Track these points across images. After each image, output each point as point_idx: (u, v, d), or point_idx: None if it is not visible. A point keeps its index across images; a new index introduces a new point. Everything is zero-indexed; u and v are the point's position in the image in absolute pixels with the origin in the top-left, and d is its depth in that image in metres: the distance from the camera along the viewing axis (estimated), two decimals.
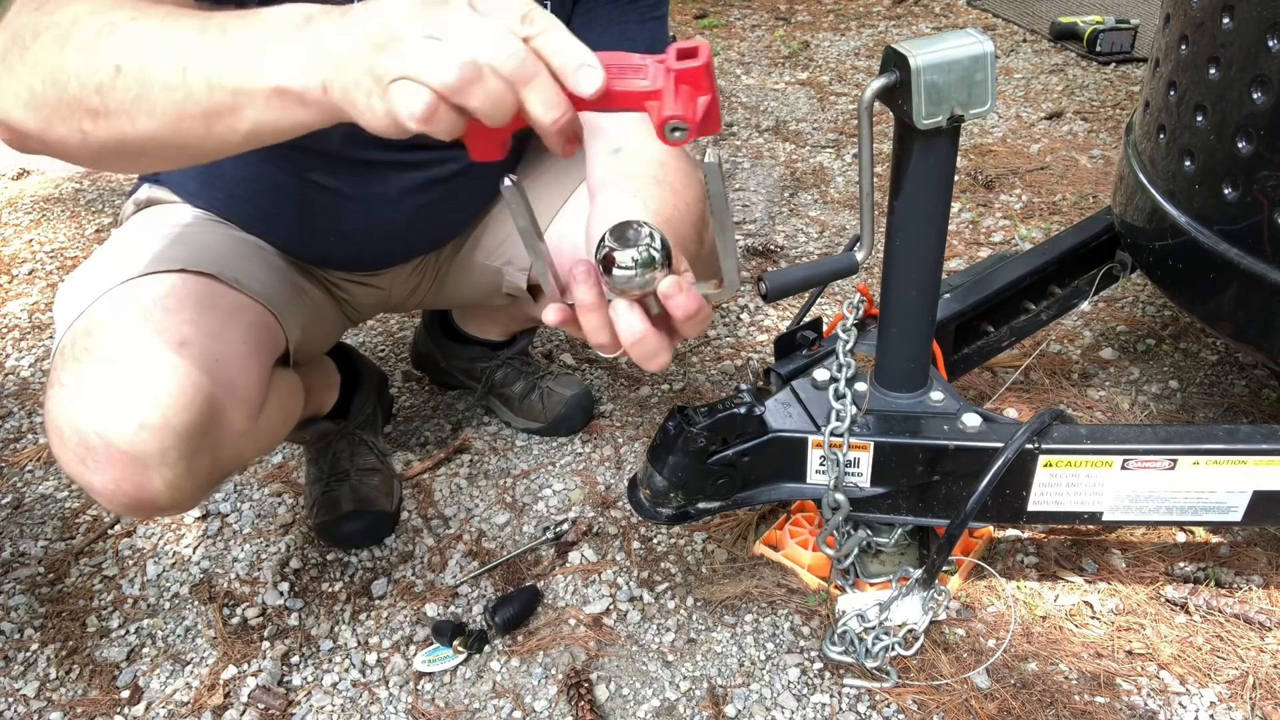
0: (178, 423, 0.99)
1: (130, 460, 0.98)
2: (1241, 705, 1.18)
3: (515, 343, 1.72)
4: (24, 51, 0.78)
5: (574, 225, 1.41)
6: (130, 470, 0.98)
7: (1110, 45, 3.37)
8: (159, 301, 1.06)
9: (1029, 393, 1.74)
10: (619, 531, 1.49)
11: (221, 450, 1.08)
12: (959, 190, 2.48)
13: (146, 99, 0.73)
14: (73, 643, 1.35)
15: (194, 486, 1.05)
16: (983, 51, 0.93)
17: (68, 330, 1.06)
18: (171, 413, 0.99)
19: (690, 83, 0.66)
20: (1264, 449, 1.10)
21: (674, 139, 0.66)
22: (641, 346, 0.80)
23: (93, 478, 0.99)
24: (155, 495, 1.01)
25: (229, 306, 1.10)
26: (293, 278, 1.29)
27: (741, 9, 4.23)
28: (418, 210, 1.29)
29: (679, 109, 0.65)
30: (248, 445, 1.14)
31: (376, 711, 1.23)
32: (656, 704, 1.22)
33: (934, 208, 1.05)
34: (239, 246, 1.22)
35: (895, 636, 1.23)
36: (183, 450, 1.00)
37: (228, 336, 1.07)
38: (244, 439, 1.11)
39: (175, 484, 1.01)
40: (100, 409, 0.98)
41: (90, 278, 1.12)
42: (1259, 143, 1.14)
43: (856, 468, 1.16)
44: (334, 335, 1.48)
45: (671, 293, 0.78)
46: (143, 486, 1.00)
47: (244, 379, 1.08)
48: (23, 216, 2.62)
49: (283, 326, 1.20)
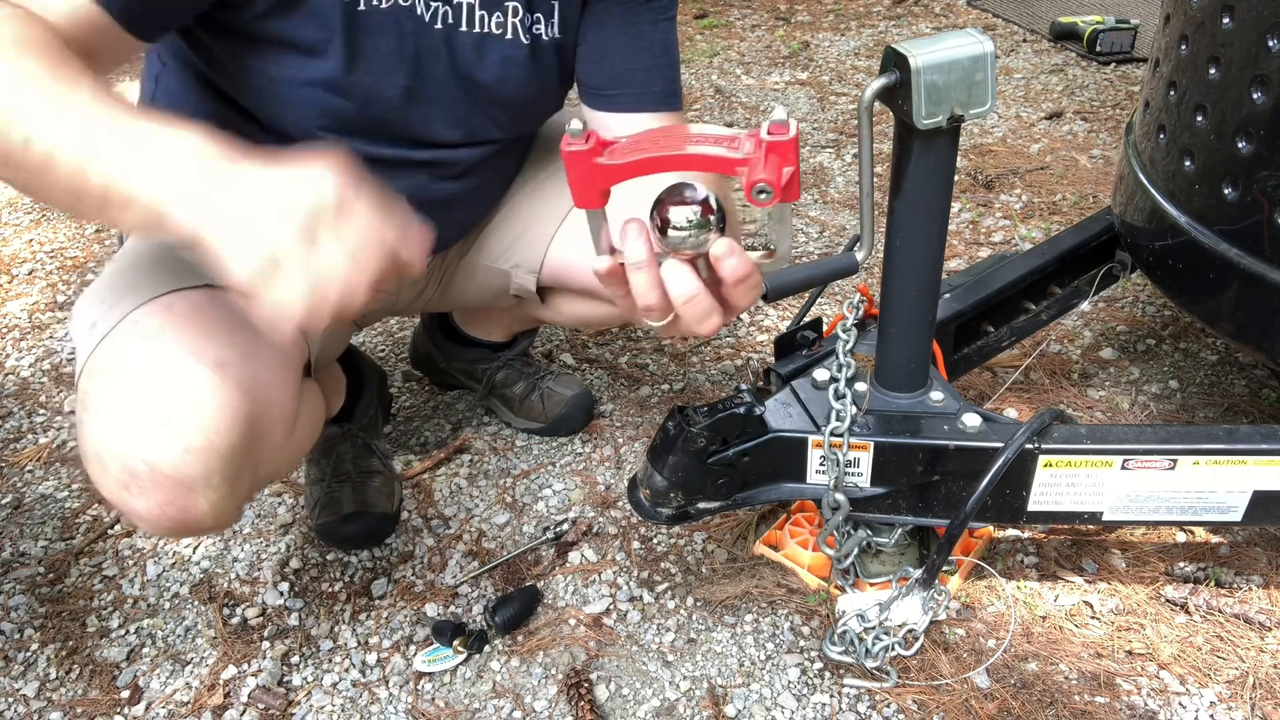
0: (222, 445, 0.99)
1: (176, 484, 0.97)
2: (1241, 705, 1.18)
3: (516, 344, 1.72)
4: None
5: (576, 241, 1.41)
6: (176, 494, 0.98)
7: (1110, 45, 3.37)
8: (190, 321, 1.04)
9: (1029, 393, 1.74)
10: (619, 531, 1.49)
11: (261, 467, 1.08)
12: (959, 190, 2.48)
13: (49, 175, 0.81)
14: (73, 643, 1.35)
15: (236, 505, 1.06)
16: (983, 51, 0.93)
17: (94, 351, 1.04)
18: (215, 435, 0.98)
19: (779, 154, 0.76)
20: (1264, 449, 1.10)
21: (759, 200, 0.75)
22: (694, 306, 0.82)
23: (137, 503, 0.98)
24: (200, 517, 1.00)
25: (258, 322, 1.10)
26: None
27: (741, 9, 4.23)
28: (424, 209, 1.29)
29: (768, 175, 0.75)
30: (283, 459, 1.14)
31: (376, 711, 1.23)
32: (656, 704, 1.22)
33: (934, 208, 1.05)
34: None
35: (895, 636, 1.23)
36: (226, 472, 1.00)
37: (262, 354, 1.06)
38: (280, 453, 1.11)
39: (219, 505, 1.01)
40: (143, 435, 0.97)
41: (112, 293, 1.10)
42: (1259, 143, 1.14)
43: (856, 468, 1.16)
44: (344, 341, 1.48)
45: (724, 254, 0.80)
46: (187, 510, 0.99)
47: (280, 395, 1.07)
48: (23, 216, 2.62)
49: (305, 338, 1.20)
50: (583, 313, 1.49)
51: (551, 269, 1.43)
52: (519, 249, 1.43)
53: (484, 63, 1.17)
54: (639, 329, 2.02)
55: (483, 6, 1.14)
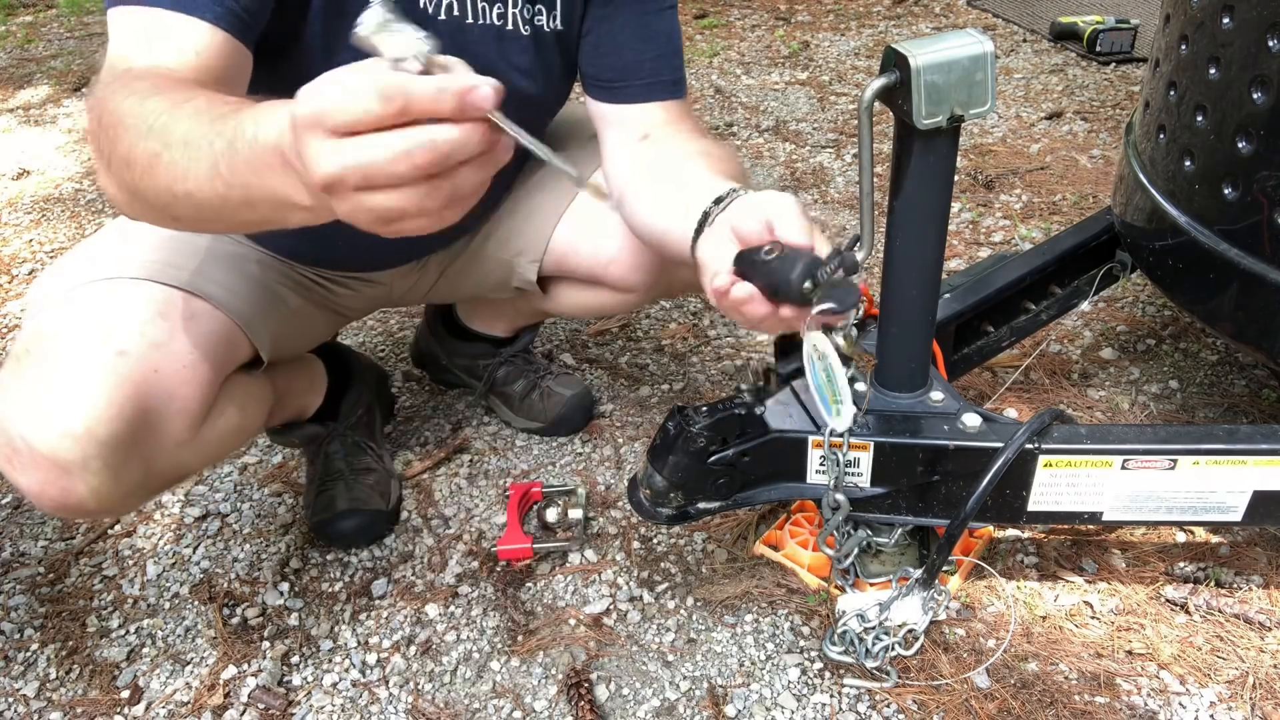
0: (102, 433, 1.00)
1: (53, 466, 0.99)
2: (1241, 705, 1.18)
3: (519, 339, 1.72)
4: (107, 164, 0.84)
5: (580, 228, 1.42)
6: (54, 475, 1.00)
7: (1110, 45, 3.37)
8: (108, 309, 1.07)
9: (1029, 393, 1.74)
10: (619, 531, 1.49)
11: (157, 459, 1.08)
12: (959, 190, 2.48)
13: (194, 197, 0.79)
14: (73, 643, 1.35)
15: (123, 493, 1.06)
16: (983, 51, 0.93)
17: (24, 328, 1.08)
18: (96, 423, 0.99)
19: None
20: (1264, 449, 1.10)
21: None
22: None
23: (19, 478, 1.01)
24: (81, 500, 1.02)
25: (182, 316, 1.11)
26: (270, 283, 1.29)
27: (741, 9, 4.23)
28: None
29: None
30: (190, 455, 1.14)
31: (376, 711, 1.23)
32: (656, 704, 1.22)
33: (934, 208, 1.05)
34: (213, 253, 1.22)
35: (895, 636, 1.23)
36: (108, 459, 1.01)
37: (174, 347, 1.08)
38: (184, 449, 1.11)
39: (100, 490, 1.02)
40: (28, 413, 0.99)
41: (60, 277, 1.13)
42: (1259, 143, 1.14)
43: (856, 468, 1.16)
44: (319, 337, 1.48)
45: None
46: (67, 491, 1.01)
47: (185, 390, 1.08)
48: (23, 216, 2.62)
49: (248, 335, 1.20)
50: (585, 301, 1.50)
51: (555, 256, 1.44)
52: (522, 236, 1.44)
53: (487, 55, 1.17)
54: (639, 329, 2.02)
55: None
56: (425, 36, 0.65)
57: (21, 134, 3.22)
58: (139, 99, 0.82)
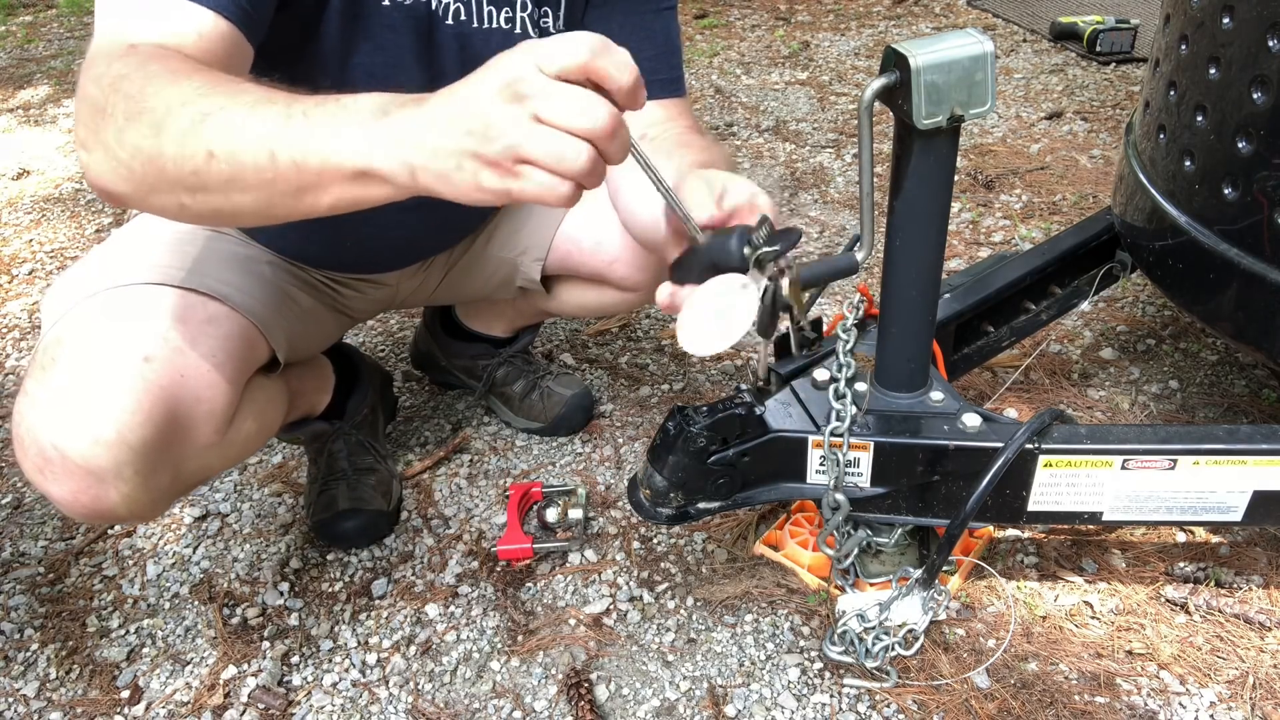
0: (134, 439, 1.00)
1: (85, 474, 0.99)
2: (1241, 705, 1.18)
3: (518, 340, 1.72)
4: (119, 133, 0.81)
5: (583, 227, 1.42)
6: (86, 483, 1.00)
7: (1110, 45, 3.37)
8: (130, 315, 1.06)
9: (1029, 393, 1.74)
10: (619, 531, 1.49)
11: (185, 463, 1.09)
12: (959, 190, 2.48)
13: (239, 179, 0.78)
14: (73, 643, 1.35)
15: (153, 499, 1.06)
16: (983, 51, 0.93)
17: (44, 336, 1.07)
18: (128, 429, 0.99)
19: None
20: (1264, 449, 1.10)
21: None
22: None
23: (51, 487, 1.01)
24: (113, 507, 1.02)
25: (202, 319, 1.11)
26: (283, 285, 1.29)
27: (741, 9, 4.24)
28: (434, 211, 1.30)
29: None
30: (215, 457, 1.14)
31: (376, 711, 1.23)
32: (656, 704, 1.22)
33: (934, 208, 1.05)
34: (227, 256, 1.22)
35: (895, 636, 1.23)
36: (139, 466, 1.01)
37: (197, 351, 1.07)
38: (210, 451, 1.12)
39: (132, 497, 1.02)
40: (58, 421, 0.99)
41: (76, 283, 1.13)
42: (1259, 143, 1.14)
43: (856, 468, 1.16)
44: (329, 338, 1.48)
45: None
46: (100, 499, 1.01)
47: (210, 393, 1.08)
48: (23, 216, 2.62)
49: (266, 337, 1.20)
50: (589, 300, 1.51)
51: (558, 254, 1.44)
52: (525, 235, 1.44)
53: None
54: (639, 328, 2.02)
55: (490, 3, 1.15)
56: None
57: (21, 134, 3.22)
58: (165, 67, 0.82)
